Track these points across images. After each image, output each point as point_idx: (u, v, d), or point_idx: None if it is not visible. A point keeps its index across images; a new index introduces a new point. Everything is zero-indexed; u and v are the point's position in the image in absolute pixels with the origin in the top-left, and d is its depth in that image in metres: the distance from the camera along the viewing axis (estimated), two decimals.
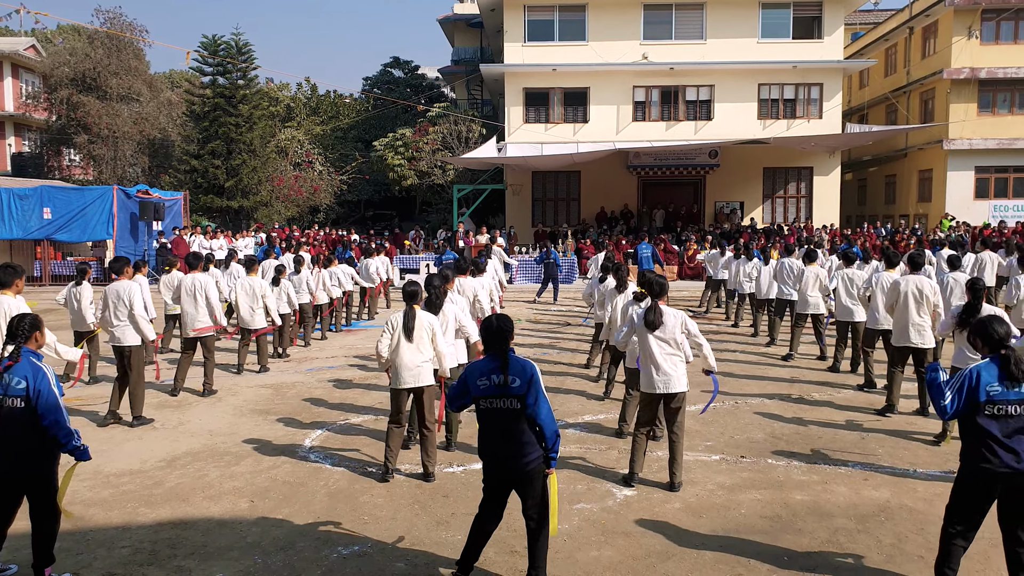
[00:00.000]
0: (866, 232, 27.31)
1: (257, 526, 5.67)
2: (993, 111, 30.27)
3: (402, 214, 40.38)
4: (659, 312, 6.19)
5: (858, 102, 37.84)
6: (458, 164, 28.96)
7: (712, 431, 7.94)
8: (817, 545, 5.21)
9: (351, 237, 25.52)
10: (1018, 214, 29.77)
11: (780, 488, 6.27)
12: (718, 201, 30.46)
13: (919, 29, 32.36)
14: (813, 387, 9.94)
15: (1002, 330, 4.32)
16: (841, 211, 31.67)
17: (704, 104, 28.80)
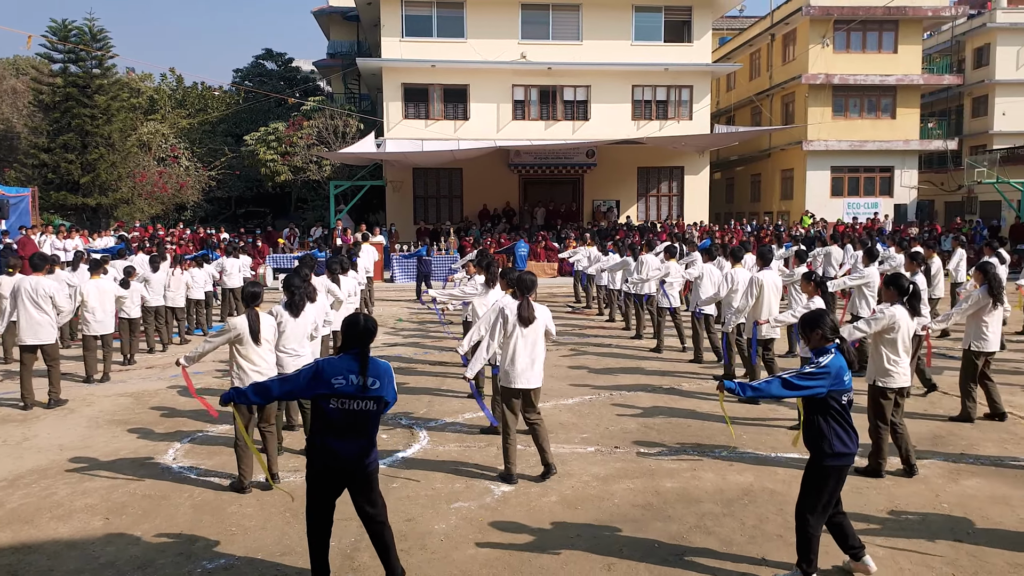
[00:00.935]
0: (733, 229, 28.66)
1: (112, 544, 5.28)
2: (846, 115, 32.40)
3: (276, 211, 39.09)
4: (531, 307, 6.20)
5: (725, 104, 39.62)
6: (335, 160, 28.30)
7: (587, 423, 8.05)
8: (686, 530, 5.35)
9: (220, 236, 24.41)
10: (868, 211, 31.96)
11: (652, 476, 6.41)
12: (596, 199, 31.15)
13: (780, 36, 34.22)
14: (683, 378, 10.27)
15: (833, 321, 4.57)
16: (711, 209, 33.06)
17: (581, 104, 29.35)
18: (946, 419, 7.96)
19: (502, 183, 29.72)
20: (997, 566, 4.74)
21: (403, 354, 12.15)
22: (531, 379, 6.26)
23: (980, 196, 34.07)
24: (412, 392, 9.50)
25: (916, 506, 5.70)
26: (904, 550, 4.98)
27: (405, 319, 16.07)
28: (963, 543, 5.07)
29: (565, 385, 9.79)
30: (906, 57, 31.88)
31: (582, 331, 14.42)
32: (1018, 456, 6.81)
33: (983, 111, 40.91)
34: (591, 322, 15.60)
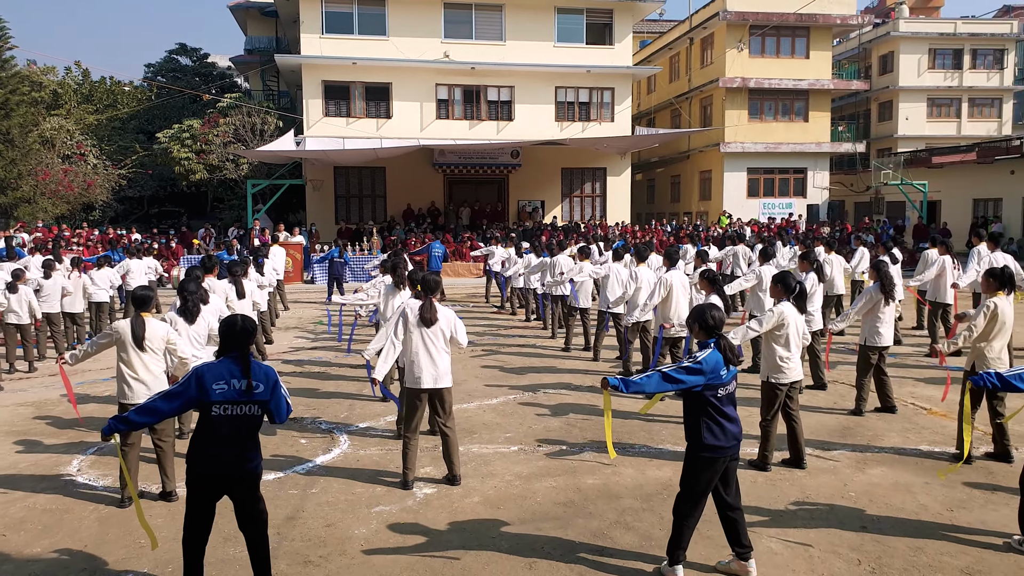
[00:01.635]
0: (654, 229, 29.22)
1: (9, 563, 4.99)
2: (761, 118, 33.42)
3: (192, 211, 37.85)
4: (433, 308, 6.14)
5: (646, 106, 40.36)
6: (253, 158, 27.57)
7: (511, 423, 8.05)
8: (606, 526, 5.40)
9: (132, 236, 23.47)
10: (782, 211, 33.05)
11: (574, 474, 6.45)
12: (521, 200, 31.28)
13: (698, 40, 35.04)
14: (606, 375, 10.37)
15: (717, 316, 4.68)
16: (632, 209, 33.63)
17: (505, 104, 29.41)
18: (846, 412, 8.26)
19: (426, 182, 29.55)
20: (899, 550, 4.95)
21: (324, 357, 11.92)
22: (436, 379, 6.17)
23: (886, 197, 35.69)
24: (332, 396, 9.32)
25: (826, 496, 5.89)
26: (802, 541, 5.13)
27: (325, 322, 15.77)
28: (868, 529, 5.27)
29: (488, 386, 9.77)
30: (817, 63, 33.11)
31: (502, 331, 14.44)
32: (919, 445, 7.13)
33: (888, 115, 42.89)
34: (511, 322, 15.64)
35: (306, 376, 10.50)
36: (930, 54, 41.60)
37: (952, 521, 5.40)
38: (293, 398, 8.91)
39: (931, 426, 7.75)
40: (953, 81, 41.86)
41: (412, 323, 6.17)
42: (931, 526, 5.31)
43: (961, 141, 38.78)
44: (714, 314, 4.68)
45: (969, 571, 4.67)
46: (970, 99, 42.29)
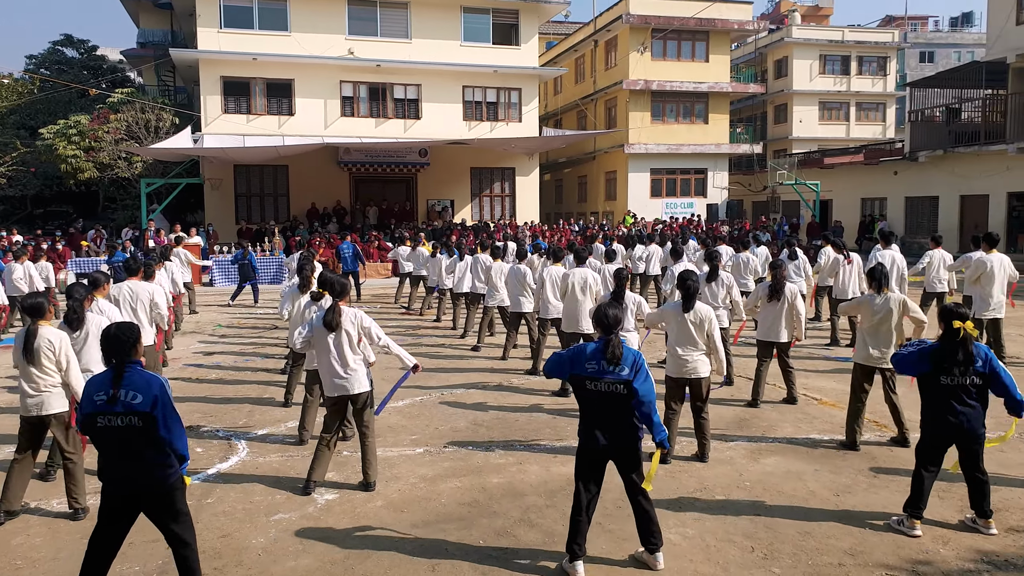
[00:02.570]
0: (562, 228, 29.57)
1: None
2: (663, 119, 34.31)
3: (83, 212, 35.95)
4: (339, 312, 6.01)
5: (553, 107, 40.82)
6: (147, 155, 26.40)
7: (417, 424, 7.97)
8: (510, 525, 5.40)
9: (12, 238, 22.09)
10: (685, 211, 34.00)
11: (479, 474, 6.43)
12: (430, 199, 31.10)
13: (603, 42, 35.67)
14: (512, 375, 10.42)
15: (612, 314, 4.77)
16: (541, 209, 33.95)
17: (412, 103, 29.16)
18: (745, 404, 8.56)
19: (332, 181, 28.99)
20: (789, 535, 5.14)
21: (222, 362, 11.50)
22: (342, 386, 6.03)
23: (782, 196, 37.24)
24: (231, 402, 9.01)
25: (722, 486, 6.07)
26: (699, 532, 5.28)
27: (225, 325, 15.25)
28: (761, 517, 5.45)
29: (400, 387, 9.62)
30: (716, 66, 34.23)
31: (413, 331, 14.30)
32: (810, 434, 7.45)
33: (784, 118, 44.76)
34: (422, 322, 15.52)
35: (204, 382, 10.11)
36: (821, 60, 43.67)
37: (838, 506, 5.65)
38: (189, 405, 8.61)
39: (822, 416, 8.10)
40: (842, 86, 44.07)
41: (317, 328, 6.03)
42: (819, 511, 5.54)
43: (850, 143, 40.90)
44: (608, 311, 4.76)
45: (852, 552, 4.89)
46: (858, 103, 44.63)
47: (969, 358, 5.10)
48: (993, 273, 10.14)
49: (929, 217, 29.49)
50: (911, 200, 30.71)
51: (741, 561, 4.80)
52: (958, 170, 27.86)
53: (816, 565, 4.73)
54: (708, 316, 6.64)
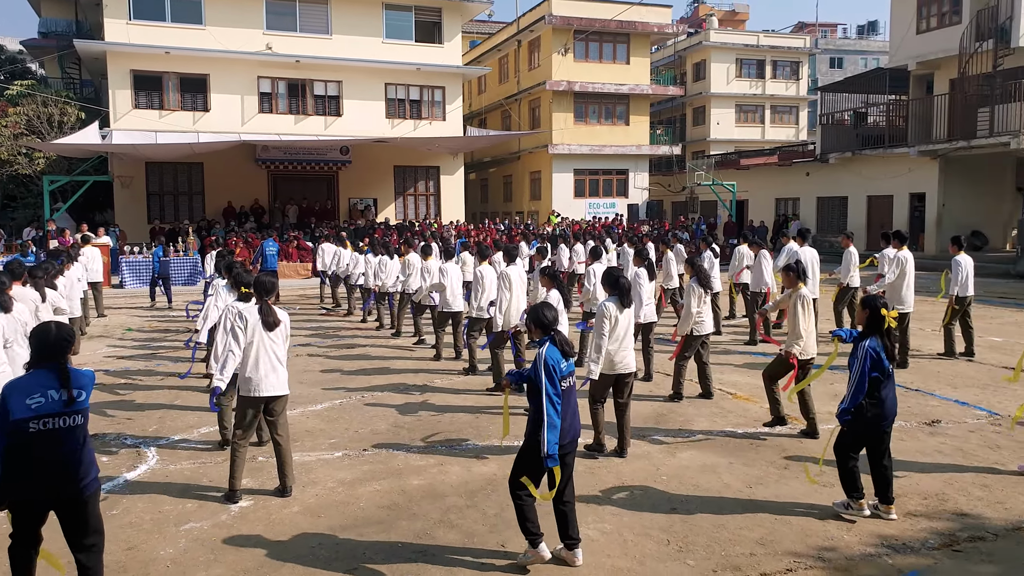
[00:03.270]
0: (487, 228, 29.58)
1: None
2: (586, 120, 34.71)
3: None
4: (273, 311, 5.87)
5: (478, 106, 40.79)
6: (50, 151, 25.18)
7: (336, 428, 7.83)
8: (430, 526, 5.36)
9: None
10: (608, 211, 34.50)
11: (399, 476, 6.36)
12: (352, 197, 30.66)
13: (526, 43, 35.84)
14: (435, 375, 10.36)
15: (550, 315, 4.82)
16: (467, 208, 33.90)
17: (333, 100, 28.69)
18: (663, 399, 8.73)
19: (249, 179, 28.25)
20: (703, 528, 5.26)
21: (131, 367, 11.05)
22: (274, 386, 5.91)
23: (701, 197, 38.15)
24: (140, 408, 8.66)
25: (640, 480, 6.17)
26: (617, 527, 5.35)
27: (135, 328, 14.68)
28: (677, 511, 5.56)
29: (316, 390, 9.45)
30: (637, 69, 34.83)
31: (336, 333, 14.08)
32: (724, 428, 7.64)
33: (702, 120, 45.88)
34: (345, 323, 15.29)
35: (112, 388, 9.69)
36: (737, 64, 44.96)
37: (750, 497, 5.81)
38: (96, 412, 8.24)
39: (736, 410, 8.32)
40: (757, 89, 45.48)
41: (252, 328, 5.85)
42: (732, 503, 5.69)
43: (765, 145, 42.23)
44: (547, 312, 4.83)
45: (763, 542, 5.04)
46: (772, 106, 46.14)
47: (893, 346, 5.37)
48: (907, 270, 10.61)
49: (839, 216, 30.71)
50: (822, 200, 31.93)
51: (657, 554, 4.88)
52: (865, 172, 29.11)
53: (729, 556, 4.85)
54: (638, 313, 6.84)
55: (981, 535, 5.11)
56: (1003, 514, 5.43)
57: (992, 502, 5.65)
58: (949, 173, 26.29)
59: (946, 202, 26.34)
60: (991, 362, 10.53)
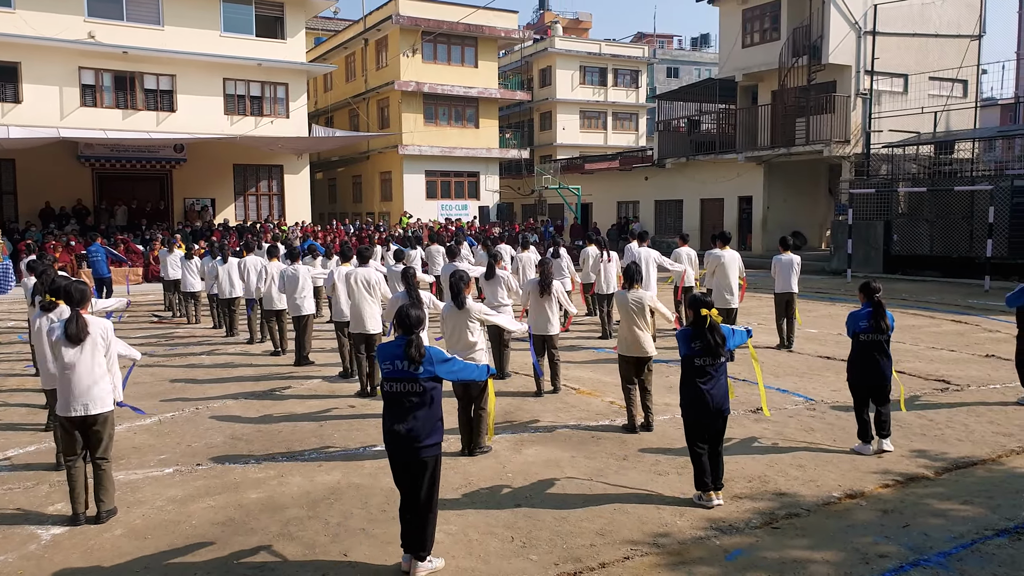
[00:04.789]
0: (336, 229, 28.92)
1: None
2: (436, 122, 34.69)
3: None
4: (81, 323, 5.39)
5: (324, 105, 39.82)
6: None
7: (167, 443, 7.35)
8: (268, 540, 5.13)
9: None
10: (460, 213, 34.66)
11: (236, 490, 6.05)
12: (188, 197, 29.07)
13: (373, 42, 35.36)
14: (281, 381, 9.98)
15: (414, 314, 4.77)
16: (314, 209, 33.00)
17: (166, 94, 27.09)
18: (518, 395, 8.87)
19: (70, 178, 26.17)
20: (546, 522, 5.35)
21: None
22: (87, 405, 5.40)
23: (548, 200, 39.11)
24: None
25: (486, 479, 6.20)
26: (462, 527, 5.36)
27: None
28: (522, 507, 5.63)
29: (147, 403, 8.84)
30: (485, 72, 35.20)
31: (171, 341, 13.28)
32: (568, 422, 7.84)
33: (548, 125, 47.01)
34: (181, 331, 14.45)
35: None
36: (581, 71, 46.42)
37: (591, 489, 5.97)
38: None
39: (580, 404, 8.55)
40: (600, 96, 47.16)
41: (56, 340, 5.35)
42: (575, 496, 5.83)
43: (608, 150, 43.86)
44: (411, 313, 4.75)
45: (603, 532, 5.19)
46: (614, 113, 48.00)
47: (721, 341, 5.65)
48: (727, 267, 11.32)
49: (675, 218, 32.41)
50: (660, 203, 33.58)
51: (501, 552, 4.91)
52: (698, 176, 30.90)
53: (570, 548, 4.95)
54: (480, 311, 6.94)
55: (797, 512, 5.50)
56: (815, 491, 5.88)
57: (806, 480, 6.11)
58: (772, 178, 28.39)
59: (770, 205, 28.43)
60: (808, 352, 11.43)
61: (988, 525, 5.18)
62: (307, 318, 11.02)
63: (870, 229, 22.71)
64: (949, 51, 27.77)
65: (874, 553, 4.80)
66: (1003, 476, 6.13)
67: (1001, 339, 12.11)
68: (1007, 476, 6.12)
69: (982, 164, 24.40)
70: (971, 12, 28.35)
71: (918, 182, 23.25)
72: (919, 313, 14.86)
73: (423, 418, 4.59)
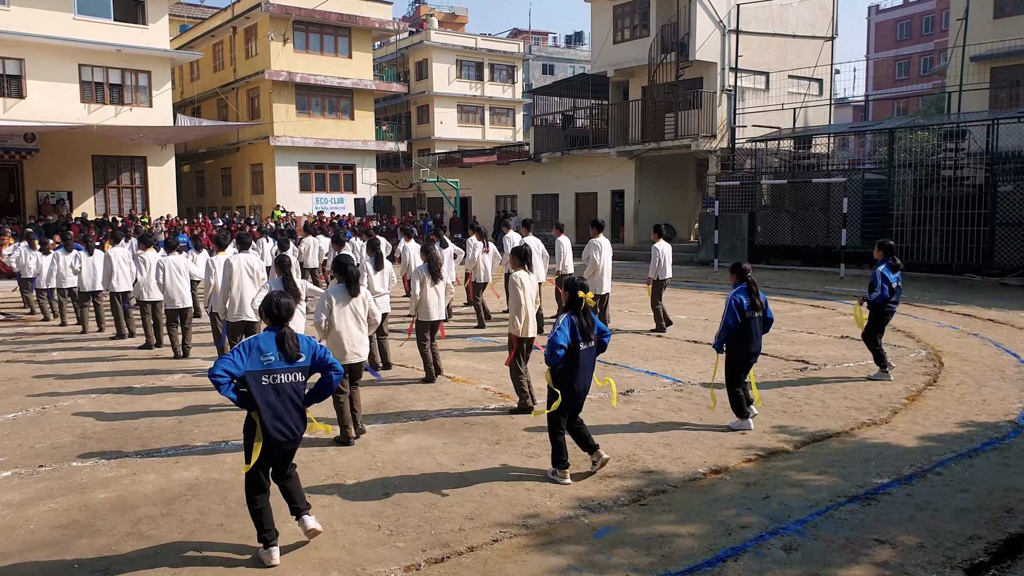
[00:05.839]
0: (203, 223, 27.68)
1: None
2: (309, 113, 33.77)
3: None
4: None
5: (190, 94, 38.02)
6: None
7: (6, 445, 6.80)
8: (116, 541, 4.81)
9: None
10: (336, 206, 33.92)
11: (82, 491, 5.65)
12: (41, 190, 27.11)
13: (241, 30, 34.02)
14: (138, 376, 9.45)
15: (285, 302, 4.65)
16: (181, 203, 31.49)
17: (14, 79, 25.16)
18: (399, 383, 8.75)
19: None
20: (416, 509, 5.28)
21: None
22: None
23: (427, 193, 38.88)
24: None
25: (355, 470, 6.06)
26: (327, 519, 5.23)
27: None
28: (391, 495, 5.53)
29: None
30: (359, 63, 34.56)
31: (18, 339, 12.33)
32: (441, 409, 7.80)
33: (426, 119, 46.76)
34: (31, 328, 13.45)
35: None
36: (458, 65, 46.40)
37: (463, 475, 5.95)
38: None
39: (454, 392, 8.53)
40: (477, 91, 47.31)
41: None
42: (446, 482, 5.78)
43: (485, 145, 44.08)
44: (280, 301, 4.62)
45: (472, 516, 5.17)
46: (491, 108, 48.28)
47: (592, 325, 5.77)
48: (603, 256, 11.60)
49: (552, 211, 32.92)
50: (537, 197, 34.02)
51: (367, 541, 4.81)
52: (573, 170, 31.51)
53: (438, 533, 4.91)
54: (368, 299, 6.84)
55: (664, 488, 5.66)
56: (681, 468, 6.08)
57: (673, 458, 6.30)
58: (643, 172, 29.31)
59: (641, 198, 29.35)
60: (677, 337, 11.86)
61: (841, 492, 5.49)
62: (189, 310, 10.63)
63: (736, 220, 23.83)
64: (806, 51, 29.51)
65: (736, 524, 5.00)
66: (855, 447, 6.52)
67: (855, 322, 13.00)
68: (858, 446, 6.52)
69: (837, 159, 26.08)
70: (824, 15, 30.23)
71: (779, 175, 24.60)
72: (780, 299, 15.72)
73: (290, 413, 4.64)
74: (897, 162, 20.91)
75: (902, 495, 5.45)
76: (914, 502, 5.32)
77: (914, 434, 6.83)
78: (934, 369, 9.35)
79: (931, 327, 12.27)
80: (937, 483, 5.67)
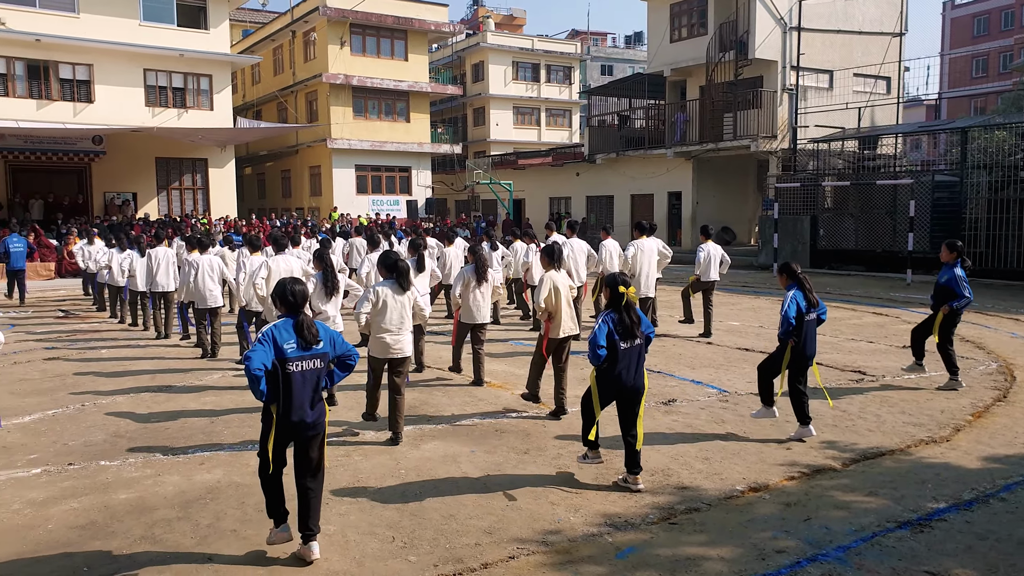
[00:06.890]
0: (262, 224, 28.14)
1: None
2: (366, 116, 34.08)
3: None
4: None
5: (252, 97, 38.78)
6: None
7: (41, 442, 6.85)
8: (128, 544, 4.74)
9: None
10: (392, 208, 34.13)
11: (105, 491, 5.62)
12: (108, 191, 27.97)
13: (300, 34, 34.54)
14: (179, 375, 9.51)
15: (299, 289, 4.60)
16: (243, 204, 32.13)
17: (83, 84, 25.98)
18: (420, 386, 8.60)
19: None
20: (433, 520, 5.07)
21: None
22: None
23: (481, 195, 38.86)
24: None
25: (377, 476, 5.89)
26: (341, 528, 5.07)
27: None
28: (410, 504, 5.33)
29: (29, 400, 8.31)
30: (415, 66, 34.73)
31: (73, 336, 12.63)
32: (472, 414, 7.60)
33: (482, 121, 46.77)
34: (86, 325, 13.77)
35: None
36: (514, 67, 46.28)
37: (486, 485, 5.71)
38: None
39: (488, 397, 8.31)
40: (533, 92, 47.11)
41: None
42: (468, 493, 5.56)
43: (541, 146, 43.81)
44: (295, 288, 4.58)
45: (490, 530, 4.94)
46: (547, 109, 48.01)
47: (637, 321, 5.56)
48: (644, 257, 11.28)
49: (606, 213, 32.47)
50: (591, 198, 33.62)
51: (379, 553, 4.62)
52: (628, 172, 31.01)
53: (453, 547, 4.69)
54: (415, 298, 6.78)
55: (697, 506, 5.31)
56: (718, 484, 5.71)
57: (710, 474, 5.94)
58: (701, 173, 28.66)
59: (699, 200, 28.69)
60: (727, 344, 11.42)
61: (891, 517, 5.06)
62: (219, 309, 10.79)
63: (797, 224, 23.07)
64: (872, 48, 28.44)
65: (771, 548, 4.64)
66: (910, 466, 6.04)
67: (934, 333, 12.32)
68: (914, 466, 6.04)
69: (906, 160, 25.02)
70: (893, 10, 29.10)
71: (843, 177, 23.72)
72: (841, 306, 15.07)
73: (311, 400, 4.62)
74: (971, 163, 19.91)
75: (960, 522, 5.00)
76: (973, 530, 4.87)
77: (978, 454, 6.33)
78: (1005, 383, 8.73)
79: (1004, 338, 11.53)
80: (1000, 510, 5.20)
